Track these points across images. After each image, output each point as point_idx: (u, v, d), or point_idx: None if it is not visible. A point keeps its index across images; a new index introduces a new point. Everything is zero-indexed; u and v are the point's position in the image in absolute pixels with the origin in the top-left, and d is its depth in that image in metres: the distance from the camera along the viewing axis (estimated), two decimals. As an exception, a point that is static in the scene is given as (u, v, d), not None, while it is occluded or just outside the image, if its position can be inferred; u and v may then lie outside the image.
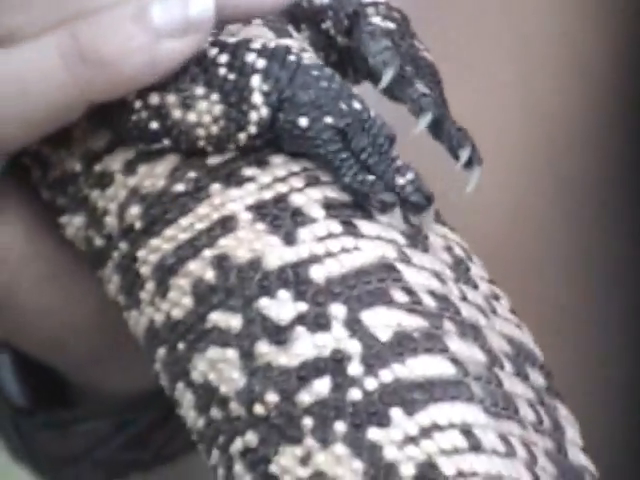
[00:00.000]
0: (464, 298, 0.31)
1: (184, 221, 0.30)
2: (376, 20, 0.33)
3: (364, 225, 0.30)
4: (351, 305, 0.29)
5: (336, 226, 0.30)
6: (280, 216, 0.30)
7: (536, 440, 0.30)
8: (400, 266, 0.30)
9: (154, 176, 0.31)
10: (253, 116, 0.30)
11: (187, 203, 0.31)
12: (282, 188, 0.30)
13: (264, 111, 0.30)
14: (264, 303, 0.29)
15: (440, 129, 0.32)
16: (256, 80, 0.30)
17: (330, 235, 0.30)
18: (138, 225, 0.31)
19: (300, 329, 0.29)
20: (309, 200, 0.30)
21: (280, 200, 0.30)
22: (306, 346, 0.29)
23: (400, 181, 0.30)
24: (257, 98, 0.30)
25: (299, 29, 0.34)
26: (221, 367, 0.29)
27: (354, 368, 0.29)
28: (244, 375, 0.29)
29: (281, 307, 0.29)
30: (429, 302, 0.30)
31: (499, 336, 0.31)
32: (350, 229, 0.30)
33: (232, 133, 0.30)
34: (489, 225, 0.51)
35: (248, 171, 0.30)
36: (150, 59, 0.31)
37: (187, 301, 0.30)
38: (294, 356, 0.29)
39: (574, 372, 0.51)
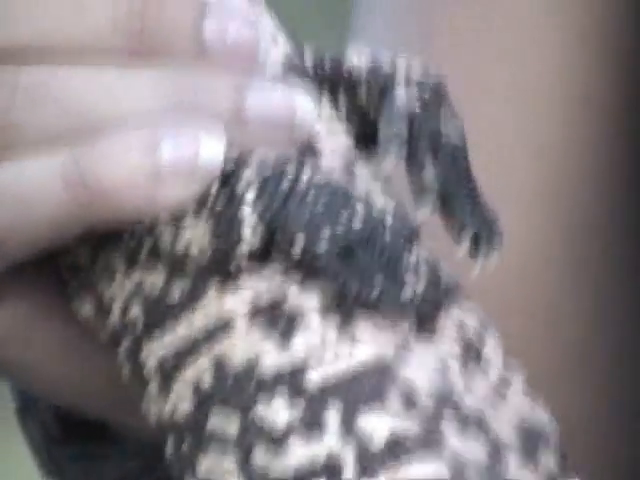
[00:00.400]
0: (468, 390, 0.30)
1: (181, 329, 0.30)
2: (401, 98, 0.32)
3: (360, 326, 0.30)
4: (345, 411, 0.29)
5: (331, 328, 0.30)
6: (275, 322, 0.30)
7: None
8: (396, 367, 0.30)
9: (154, 279, 0.31)
10: (242, 249, 0.30)
11: (184, 310, 0.30)
12: (278, 294, 0.30)
13: (254, 243, 0.29)
14: (259, 411, 0.29)
15: (449, 208, 0.32)
16: (245, 211, 0.29)
17: (324, 338, 0.30)
18: (139, 326, 0.31)
19: (294, 437, 0.29)
20: (305, 305, 0.30)
21: (276, 307, 0.30)
22: (300, 455, 0.29)
23: (406, 293, 0.29)
24: (246, 231, 0.29)
25: (337, 99, 0.33)
26: (221, 474, 0.30)
27: (347, 476, 0.29)
28: None
29: (276, 415, 0.29)
30: (426, 403, 0.29)
31: (506, 425, 0.30)
32: (345, 333, 0.30)
33: (221, 264, 0.30)
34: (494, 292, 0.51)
35: (238, 265, 0.30)
36: (151, 197, 0.30)
37: (187, 406, 0.30)
38: (288, 465, 0.29)
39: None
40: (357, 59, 0.33)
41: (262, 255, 0.30)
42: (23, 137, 0.31)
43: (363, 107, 0.33)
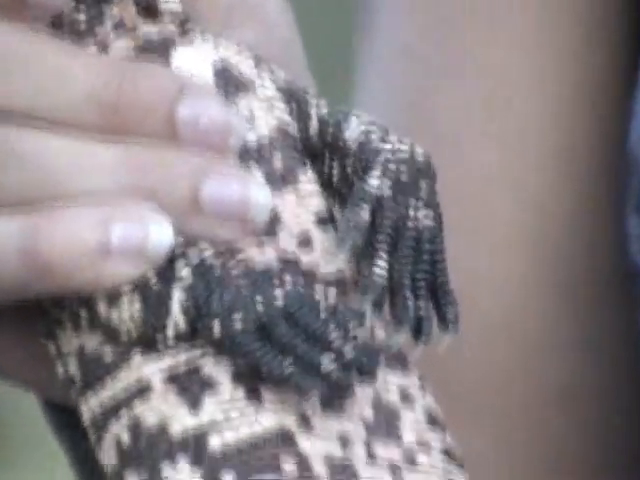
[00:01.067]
0: (371, 458, 0.31)
1: (109, 385, 0.32)
2: (373, 183, 0.32)
3: (269, 393, 0.31)
4: (241, 475, 0.31)
5: (240, 394, 0.31)
6: (190, 385, 0.31)
7: None
8: (297, 433, 0.31)
9: (93, 339, 0.33)
10: (170, 326, 0.31)
11: (112, 368, 0.32)
12: (195, 364, 0.32)
13: (181, 323, 0.31)
14: (167, 472, 0.31)
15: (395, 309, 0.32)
16: (177, 294, 0.31)
17: (232, 403, 0.31)
18: (77, 381, 0.33)
19: None
20: (220, 368, 0.31)
21: (193, 371, 0.32)
22: None
23: (325, 362, 0.30)
24: (176, 311, 0.31)
25: (329, 162, 0.34)
26: None
27: None
28: None
29: (179, 475, 0.31)
30: (320, 470, 0.31)
31: None
32: (253, 397, 0.31)
33: (150, 338, 0.32)
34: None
35: (165, 342, 0.32)
36: (95, 277, 0.31)
37: (113, 460, 0.32)
38: None
39: None
40: (352, 129, 0.33)
41: (189, 334, 0.32)
42: None
43: (350, 179, 0.33)
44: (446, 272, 0.33)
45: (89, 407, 0.33)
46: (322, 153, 0.34)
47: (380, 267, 0.32)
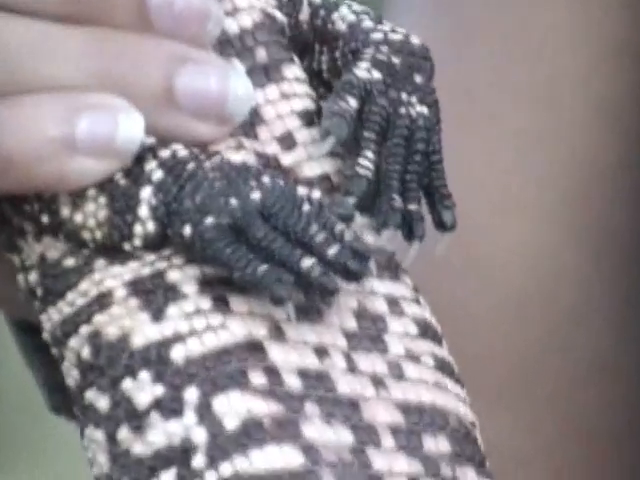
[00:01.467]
0: (352, 369, 0.29)
1: (69, 295, 0.30)
2: (362, 68, 0.30)
3: (237, 300, 0.29)
4: (205, 389, 0.28)
5: (206, 302, 0.29)
6: (154, 292, 0.29)
7: None
8: (268, 344, 0.29)
9: (55, 247, 0.31)
10: (138, 229, 0.29)
11: (73, 277, 0.30)
12: (161, 265, 0.29)
13: (150, 225, 0.29)
14: (127, 385, 0.29)
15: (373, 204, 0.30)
16: (146, 192, 0.29)
17: (198, 312, 0.29)
18: (38, 292, 0.31)
19: (155, 415, 0.29)
20: (185, 276, 0.29)
21: (157, 276, 0.29)
22: (159, 434, 0.28)
23: (306, 263, 0.28)
24: (144, 211, 0.29)
25: (320, 51, 0.32)
26: (93, 447, 0.30)
27: (198, 460, 0.28)
28: (108, 460, 0.29)
29: (140, 390, 0.29)
30: (293, 383, 0.28)
31: (392, 406, 0.29)
32: (220, 305, 0.29)
33: (116, 242, 0.29)
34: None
35: (133, 245, 0.30)
36: (59, 173, 0.29)
37: (74, 374, 0.30)
38: (148, 444, 0.28)
39: None
40: (344, 14, 0.31)
41: (160, 241, 0.29)
42: None
43: (338, 68, 0.31)
44: (442, 169, 0.31)
45: (50, 321, 0.31)
46: (312, 42, 0.32)
47: (367, 160, 0.29)
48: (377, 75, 0.30)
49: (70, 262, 0.30)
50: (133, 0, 0.29)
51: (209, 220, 0.28)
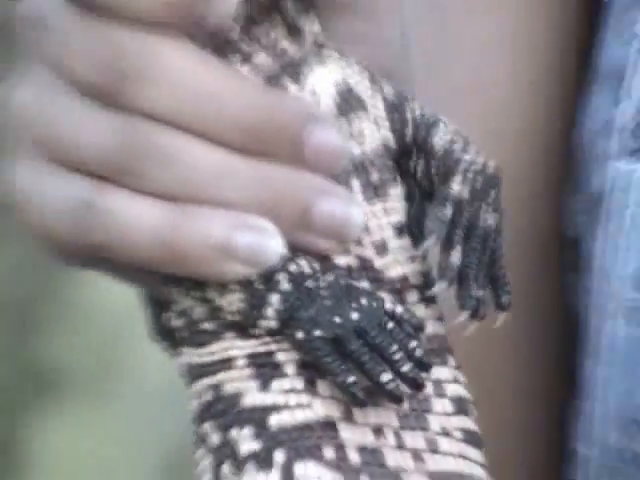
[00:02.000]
0: (400, 446, 0.37)
1: (201, 350, 0.39)
2: (456, 182, 0.39)
3: (323, 385, 0.38)
4: (289, 454, 0.37)
5: (299, 383, 0.38)
6: (264, 367, 0.38)
7: None
8: (340, 424, 0.37)
9: (199, 311, 0.39)
10: (263, 323, 0.38)
11: (207, 338, 0.39)
12: (273, 346, 0.38)
13: (273, 323, 0.38)
14: (234, 433, 0.38)
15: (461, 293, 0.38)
16: (274, 298, 0.38)
17: (293, 390, 0.38)
18: (176, 334, 0.40)
19: (251, 464, 0.38)
20: (288, 359, 0.38)
21: (268, 355, 0.38)
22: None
23: (385, 377, 0.37)
24: (270, 312, 0.38)
25: (417, 159, 0.40)
26: (202, 466, 0.39)
27: None
28: None
29: (243, 441, 0.38)
30: (353, 457, 0.37)
31: (425, 476, 0.37)
32: (310, 387, 0.38)
33: (245, 325, 0.38)
34: None
35: (257, 330, 0.38)
36: (216, 272, 0.38)
37: (196, 404, 0.40)
38: None
39: None
40: (440, 136, 0.39)
41: (276, 331, 0.38)
42: (138, 180, 0.36)
43: (433, 178, 0.40)
44: (503, 266, 0.39)
45: (186, 359, 0.40)
46: (411, 150, 0.40)
47: (456, 257, 0.38)
48: (466, 190, 0.38)
49: (208, 326, 0.39)
50: (293, 142, 0.37)
51: (317, 332, 0.37)
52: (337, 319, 0.37)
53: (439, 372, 0.39)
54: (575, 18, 0.56)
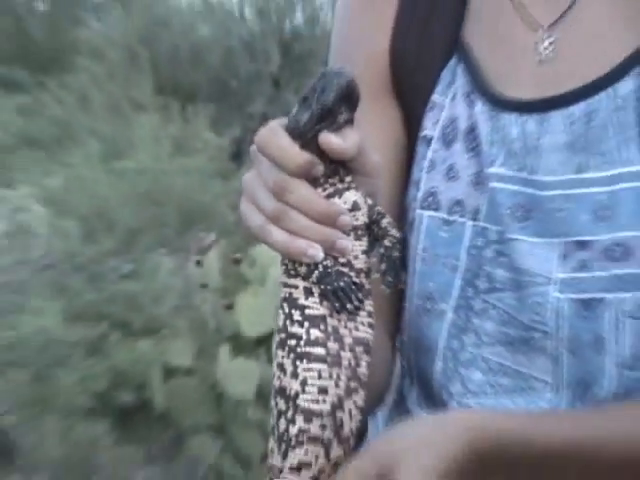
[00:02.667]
0: (345, 326, 0.79)
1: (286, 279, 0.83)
2: (387, 241, 0.82)
3: (325, 303, 0.82)
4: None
5: (317, 299, 0.82)
6: (305, 292, 0.83)
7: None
8: (327, 318, 0.80)
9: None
10: (311, 279, 0.82)
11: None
12: (311, 286, 0.82)
13: (314, 279, 0.82)
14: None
15: (383, 277, 0.84)
16: (316, 272, 0.82)
17: (314, 301, 0.82)
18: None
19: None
20: (315, 291, 0.81)
21: (309, 289, 0.82)
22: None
23: (349, 305, 0.81)
24: (314, 276, 0.82)
25: (373, 227, 0.83)
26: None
27: None
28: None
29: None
30: (329, 329, 0.80)
31: (353, 339, 0.79)
32: (321, 301, 0.82)
33: (307, 277, 0.82)
34: None
35: (309, 280, 0.82)
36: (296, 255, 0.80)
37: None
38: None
39: None
40: (384, 220, 0.82)
41: (315, 282, 0.83)
42: (279, 223, 0.79)
43: (378, 236, 0.82)
44: (402, 257, 0.82)
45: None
46: (374, 223, 0.82)
47: (383, 266, 0.82)
48: (389, 241, 0.82)
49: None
50: (329, 219, 0.80)
51: (327, 286, 0.81)
52: (335, 284, 0.78)
53: (365, 305, 0.80)
54: None
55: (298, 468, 0.70)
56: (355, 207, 0.76)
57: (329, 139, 0.70)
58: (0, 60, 6.59)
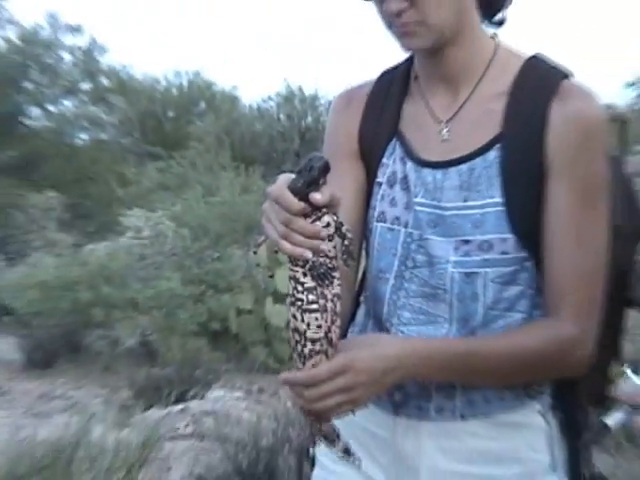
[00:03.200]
0: (327, 288, 1.08)
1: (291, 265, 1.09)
2: (347, 241, 1.10)
3: (316, 279, 1.09)
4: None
5: (311, 279, 1.09)
6: (305, 275, 1.08)
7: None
8: (317, 287, 1.08)
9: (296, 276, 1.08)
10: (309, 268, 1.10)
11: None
12: (308, 273, 1.10)
13: (308, 268, 1.08)
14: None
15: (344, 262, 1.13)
16: (308, 265, 1.07)
17: (308, 281, 1.08)
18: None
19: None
20: (311, 274, 1.08)
21: (305, 274, 1.09)
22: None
23: (335, 286, 1.11)
24: (307, 267, 1.08)
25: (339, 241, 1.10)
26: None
27: None
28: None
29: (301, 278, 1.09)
30: (320, 290, 1.09)
31: (334, 296, 1.08)
32: (315, 282, 1.09)
33: (309, 270, 1.09)
34: None
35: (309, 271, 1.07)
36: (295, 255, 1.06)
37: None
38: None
39: None
40: (347, 228, 1.10)
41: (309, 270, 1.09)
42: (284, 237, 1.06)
43: (344, 240, 1.11)
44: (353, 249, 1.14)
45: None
46: (338, 234, 1.10)
47: (345, 248, 1.11)
48: (348, 236, 1.09)
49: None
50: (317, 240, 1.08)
51: (317, 273, 1.11)
52: (319, 269, 1.08)
53: (336, 277, 1.09)
54: None
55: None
56: (328, 224, 1.03)
57: (315, 197, 1.00)
58: (147, 141, 17.40)
